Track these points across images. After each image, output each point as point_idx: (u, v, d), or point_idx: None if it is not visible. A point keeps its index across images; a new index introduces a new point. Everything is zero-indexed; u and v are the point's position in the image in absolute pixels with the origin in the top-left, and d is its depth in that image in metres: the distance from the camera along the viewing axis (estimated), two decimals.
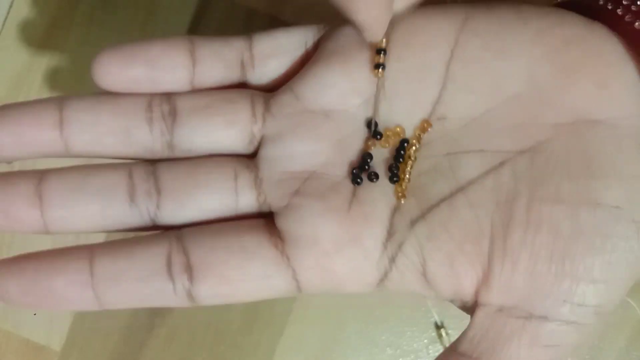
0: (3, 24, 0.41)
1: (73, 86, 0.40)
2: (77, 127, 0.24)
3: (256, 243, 0.23)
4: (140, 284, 0.23)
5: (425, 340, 0.40)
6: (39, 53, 0.40)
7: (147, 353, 0.41)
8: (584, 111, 0.22)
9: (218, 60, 0.25)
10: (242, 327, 0.40)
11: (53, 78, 0.40)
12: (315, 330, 0.40)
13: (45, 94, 0.40)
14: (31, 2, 0.41)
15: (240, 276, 0.23)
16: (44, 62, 0.40)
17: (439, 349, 0.40)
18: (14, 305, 0.23)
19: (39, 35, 0.40)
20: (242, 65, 0.25)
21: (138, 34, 0.40)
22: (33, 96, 0.40)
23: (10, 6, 0.41)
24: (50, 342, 0.41)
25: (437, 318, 0.40)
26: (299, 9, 0.40)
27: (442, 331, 0.40)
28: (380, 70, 0.23)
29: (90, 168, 0.24)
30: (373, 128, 0.24)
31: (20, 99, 0.39)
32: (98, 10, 0.40)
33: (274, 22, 0.40)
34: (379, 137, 0.24)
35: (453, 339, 0.36)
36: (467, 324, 0.23)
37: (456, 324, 0.40)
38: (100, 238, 0.38)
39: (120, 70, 0.24)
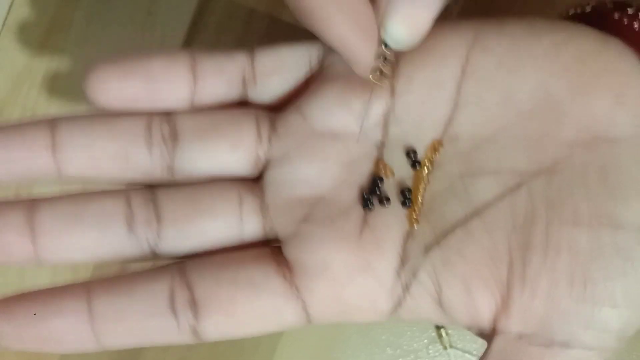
0: (3, 24, 0.40)
1: (73, 86, 0.40)
2: (71, 150, 0.22)
3: (263, 274, 0.22)
4: (142, 323, 0.21)
5: (425, 340, 0.40)
6: (38, 53, 0.40)
7: (147, 353, 0.41)
8: (602, 128, 0.21)
9: (220, 76, 0.23)
10: None
11: (53, 78, 0.40)
12: (315, 330, 0.40)
13: (45, 94, 0.40)
14: (31, 2, 0.40)
15: (247, 311, 0.22)
16: (43, 62, 0.40)
17: (439, 349, 0.40)
18: (8, 349, 0.21)
19: (38, 35, 0.40)
20: (244, 82, 0.24)
21: (138, 34, 0.40)
22: (33, 96, 0.40)
23: (10, 6, 0.40)
24: None
25: None
26: None
27: (442, 331, 0.40)
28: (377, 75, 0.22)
29: (85, 195, 0.23)
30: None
31: (20, 100, 0.39)
32: (98, 11, 0.40)
33: (274, 22, 0.39)
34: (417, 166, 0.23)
35: (453, 339, 0.36)
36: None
37: None
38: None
39: (118, 86, 0.22)
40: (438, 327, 0.40)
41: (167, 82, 0.23)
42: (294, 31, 0.24)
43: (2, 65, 0.40)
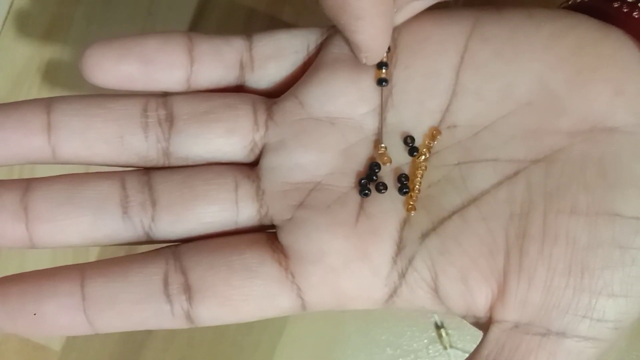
0: (3, 23, 0.40)
1: (73, 85, 0.40)
2: (66, 132, 0.22)
3: (259, 260, 0.22)
4: (135, 307, 0.21)
5: (425, 340, 0.40)
6: (39, 52, 0.40)
7: (147, 353, 0.41)
8: (600, 118, 0.21)
9: (217, 60, 0.23)
10: (241, 327, 0.40)
11: (53, 77, 0.40)
12: (315, 330, 0.40)
13: (46, 93, 0.40)
14: (31, 2, 0.40)
15: (242, 296, 0.21)
16: (44, 62, 0.40)
17: (439, 349, 0.39)
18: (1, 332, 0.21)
19: (39, 34, 0.40)
20: (241, 67, 0.24)
21: (138, 33, 0.40)
22: (33, 95, 0.40)
23: (11, 5, 0.40)
24: (50, 342, 0.41)
25: (437, 318, 0.40)
26: (299, 9, 0.40)
27: (442, 331, 0.39)
28: (382, 85, 0.22)
29: (80, 177, 0.22)
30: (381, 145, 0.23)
31: (20, 99, 0.39)
32: (98, 10, 0.40)
33: (274, 22, 0.39)
34: (415, 153, 0.23)
35: (453, 339, 0.36)
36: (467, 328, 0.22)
37: (456, 324, 0.39)
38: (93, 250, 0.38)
39: (113, 65, 0.22)
40: (438, 327, 0.40)
41: (164, 64, 0.23)
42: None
43: (2, 65, 0.41)
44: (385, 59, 0.22)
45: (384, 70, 0.22)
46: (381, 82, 0.22)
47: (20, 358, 0.41)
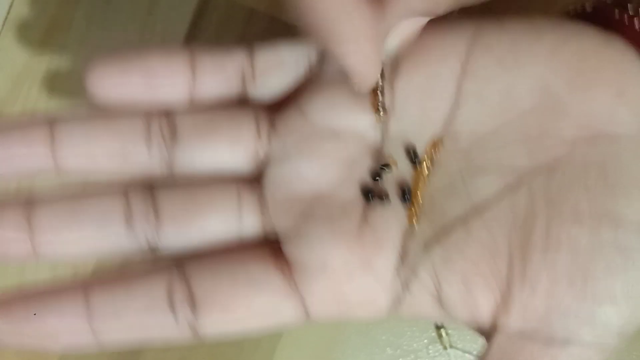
0: (3, 24, 0.40)
1: (73, 86, 0.40)
2: (69, 147, 0.22)
3: (262, 271, 0.22)
4: (140, 320, 0.21)
5: (425, 340, 0.40)
6: (39, 53, 0.40)
7: (147, 353, 0.41)
8: (602, 125, 0.21)
9: (218, 73, 0.23)
10: None
11: (53, 78, 0.40)
12: (315, 330, 0.40)
13: (46, 93, 0.40)
14: (31, 2, 0.40)
15: (246, 308, 0.22)
16: (44, 62, 0.40)
17: (439, 349, 0.39)
18: (4, 347, 0.21)
19: (39, 35, 0.40)
20: (243, 78, 0.24)
21: (138, 34, 0.40)
22: (33, 96, 0.40)
23: (10, 6, 0.40)
24: None
25: None
26: None
27: (442, 331, 0.39)
28: (382, 113, 0.22)
29: (84, 191, 0.23)
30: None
31: (20, 100, 0.39)
32: (98, 10, 0.40)
33: (274, 22, 0.39)
34: (417, 162, 0.23)
35: (453, 339, 0.36)
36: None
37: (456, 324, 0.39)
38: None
39: (116, 80, 0.22)
40: (438, 327, 0.40)
41: (166, 78, 0.23)
42: (294, 31, 0.24)
43: (2, 65, 0.40)
44: (380, 84, 0.22)
45: (379, 98, 0.22)
46: (379, 109, 0.22)
47: (20, 358, 0.41)
